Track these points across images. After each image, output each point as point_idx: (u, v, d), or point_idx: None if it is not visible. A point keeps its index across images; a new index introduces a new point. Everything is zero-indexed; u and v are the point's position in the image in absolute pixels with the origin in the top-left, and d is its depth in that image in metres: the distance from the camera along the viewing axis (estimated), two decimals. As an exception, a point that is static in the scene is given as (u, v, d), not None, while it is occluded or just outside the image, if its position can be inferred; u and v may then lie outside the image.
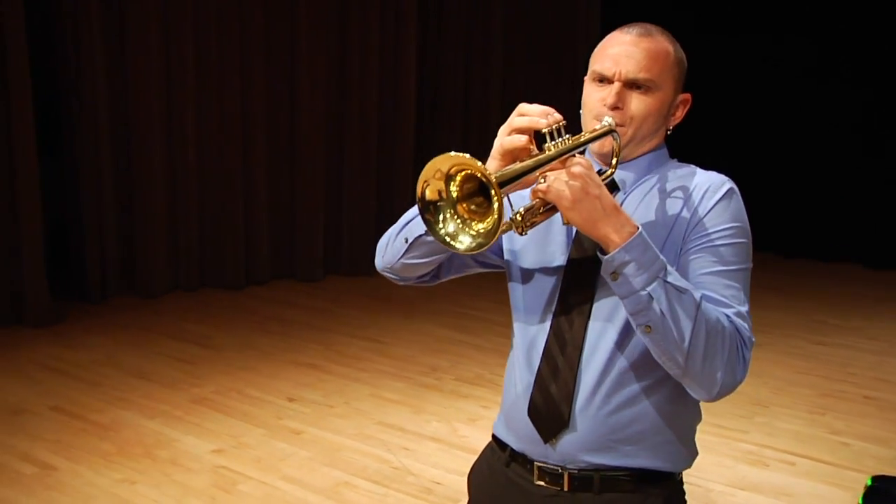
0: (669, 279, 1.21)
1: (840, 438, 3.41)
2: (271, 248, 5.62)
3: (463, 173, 1.14)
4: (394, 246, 1.43)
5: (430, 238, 1.31)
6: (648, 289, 1.20)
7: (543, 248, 1.42)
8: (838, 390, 3.97)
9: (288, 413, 3.50)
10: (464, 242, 1.16)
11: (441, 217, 1.17)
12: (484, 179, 1.10)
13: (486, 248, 1.13)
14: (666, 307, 1.20)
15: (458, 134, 6.49)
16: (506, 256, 1.48)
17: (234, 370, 3.96)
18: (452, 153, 1.12)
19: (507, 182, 1.15)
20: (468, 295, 5.13)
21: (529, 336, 1.42)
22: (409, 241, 1.38)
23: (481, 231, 1.15)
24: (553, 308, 1.38)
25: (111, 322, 4.63)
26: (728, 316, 1.28)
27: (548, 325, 1.39)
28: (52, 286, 4.61)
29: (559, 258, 1.40)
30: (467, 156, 1.10)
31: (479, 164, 1.09)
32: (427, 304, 5.09)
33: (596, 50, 1.39)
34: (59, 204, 4.92)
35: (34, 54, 4.35)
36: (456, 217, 1.17)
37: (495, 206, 1.10)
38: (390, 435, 3.31)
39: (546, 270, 1.41)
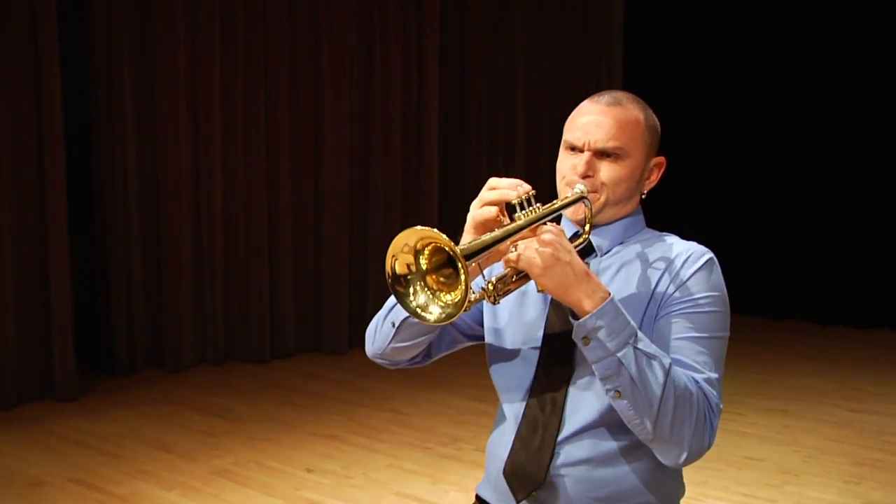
0: (639, 345, 1.22)
1: (877, 509, 3.28)
2: (296, 322, 5.65)
3: (430, 246, 1.17)
4: (382, 331, 1.45)
5: (416, 319, 1.34)
6: (619, 354, 1.21)
7: (521, 317, 1.44)
8: (875, 459, 3.83)
9: (306, 484, 3.46)
10: (433, 313, 1.18)
11: (411, 289, 1.19)
12: (450, 252, 1.13)
13: (455, 318, 1.15)
14: (636, 373, 1.21)
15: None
16: (486, 338, 1.50)
17: (255, 441, 3.95)
18: (419, 227, 1.15)
19: (475, 253, 1.17)
20: (492, 365, 5.09)
21: (515, 405, 1.42)
22: (397, 324, 1.41)
23: (450, 302, 1.17)
24: (534, 372, 1.39)
25: (136, 395, 4.67)
26: (697, 381, 1.27)
27: (530, 388, 1.39)
28: (81, 360, 4.68)
29: (538, 324, 1.41)
30: (434, 230, 1.14)
31: (445, 237, 1.13)
32: (451, 376, 5.05)
33: (568, 119, 1.43)
34: (88, 279, 5.04)
35: (69, 134, 4.52)
36: (426, 288, 1.19)
37: (462, 277, 1.12)
38: (407, 505, 3.26)
39: (527, 338, 1.43)
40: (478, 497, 1.48)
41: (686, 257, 1.36)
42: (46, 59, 4.32)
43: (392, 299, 1.41)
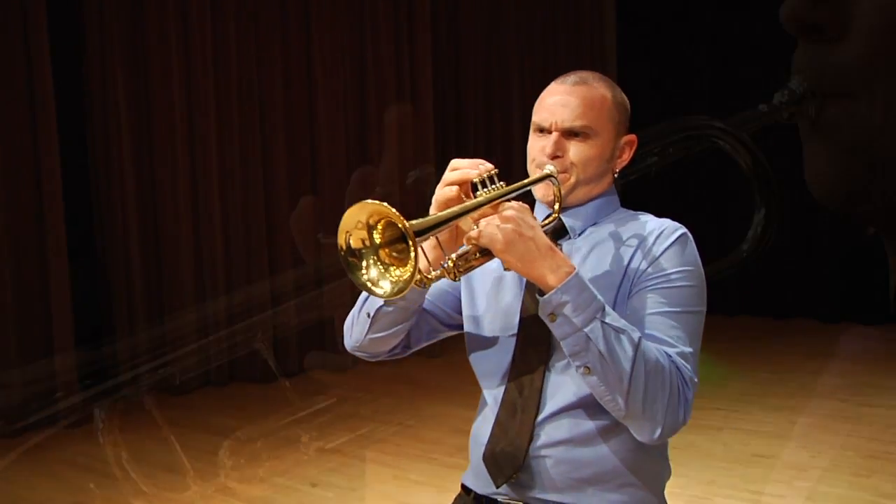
0: (607, 319, 1.21)
1: (890, 502, 3.23)
2: (300, 341, 5.64)
3: (383, 221, 1.16)
4: (359, 323, 1.45)
5: (391, 308, 1.33)
6: (586, 329, 1.19)
7: (498, 303, 1.44)
8: (886, 452, 3.78)
9: (310, 498, 3.44)
10: (384, 288, 1.17)
11: (364, 263, 1.18)
12: (400, 225, 1.11)
13: (405, 293, 1.14)
14: (604, 348, 1.19)
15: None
16: (465, 326, 1.49)
17: (260, 460, 3.93)
18: (369, 201, 1.14)
19: (429, 228, 1.16)
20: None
21: (494, 390, 1.41)
22: (372, 314, 1.41)
23: (401, 278, 1.16)
24: (512, 356, 1.38)
25: (141, 419, 4.65)
26: (669, 355, 1.26)
27: (508, 373, 1.38)
28: (85, 386, 4.67)
29: (515, 308, 1.40)
30: (384, 204, 1.12)
31: (395, 211, 1.11)
32: (456, 386, 5.01)
33: (536, 102, 1.43)
34: (90, 304, 5.04)
35: (65, 157, 4.53)
36: (378, 263, 1.18)
37: (412, 252, 1.11)
38: (413, 516, 3.23)
39: (504, 323, 1.42)
40: (463, 486, 1.47)
41: (658, 233, 1.35)
42: (38, 61, 4.34)
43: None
